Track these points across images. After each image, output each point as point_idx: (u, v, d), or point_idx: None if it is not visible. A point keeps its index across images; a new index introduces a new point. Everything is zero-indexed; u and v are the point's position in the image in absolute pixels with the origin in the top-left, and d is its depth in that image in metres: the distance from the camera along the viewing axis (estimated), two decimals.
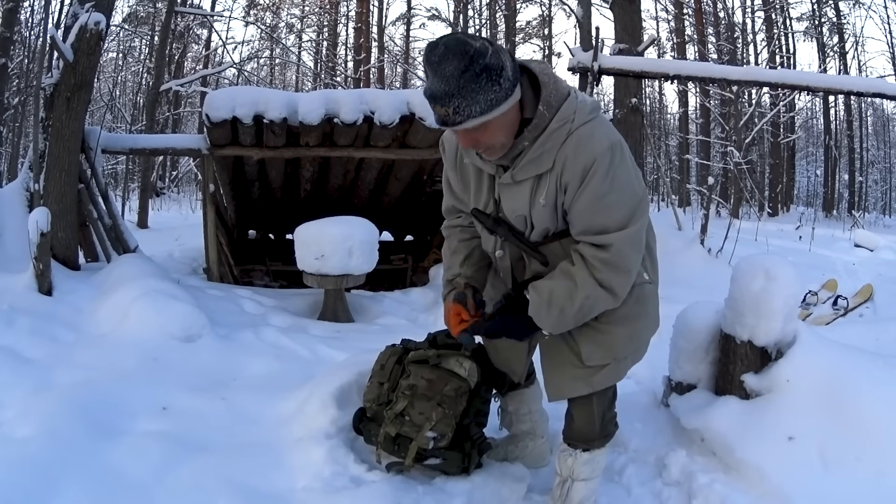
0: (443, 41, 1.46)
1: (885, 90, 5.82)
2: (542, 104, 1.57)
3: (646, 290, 1.83)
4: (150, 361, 3.05)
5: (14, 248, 4.33)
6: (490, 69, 1.45)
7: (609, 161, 1.56)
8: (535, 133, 1.59)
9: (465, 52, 1.43)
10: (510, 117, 1.56)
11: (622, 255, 1.63)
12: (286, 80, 25.71)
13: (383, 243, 5.36)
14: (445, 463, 2.08)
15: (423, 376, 2.06)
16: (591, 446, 1.94)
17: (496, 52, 1.47)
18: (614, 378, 1.87)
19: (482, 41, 1.47)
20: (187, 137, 6.36)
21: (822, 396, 2.06)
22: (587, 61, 5.66)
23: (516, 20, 21.74)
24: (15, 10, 9.03)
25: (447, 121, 1.51)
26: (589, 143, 1.56)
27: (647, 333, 1.91)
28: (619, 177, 1.58)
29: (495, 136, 1.57)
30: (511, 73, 1.50)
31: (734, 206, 14.78)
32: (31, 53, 12.51)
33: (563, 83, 1.62)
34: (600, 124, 1.61)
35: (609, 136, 1.59)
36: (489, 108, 1.48)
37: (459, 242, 1.98)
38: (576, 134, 1.57)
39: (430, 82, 1.49)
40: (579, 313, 1.70)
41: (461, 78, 1.44)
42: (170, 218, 12.76)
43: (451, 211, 2.00)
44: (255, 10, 22.55)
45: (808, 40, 21.35)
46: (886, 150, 26.35)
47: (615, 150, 1.57)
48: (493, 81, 1.46)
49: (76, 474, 2.00)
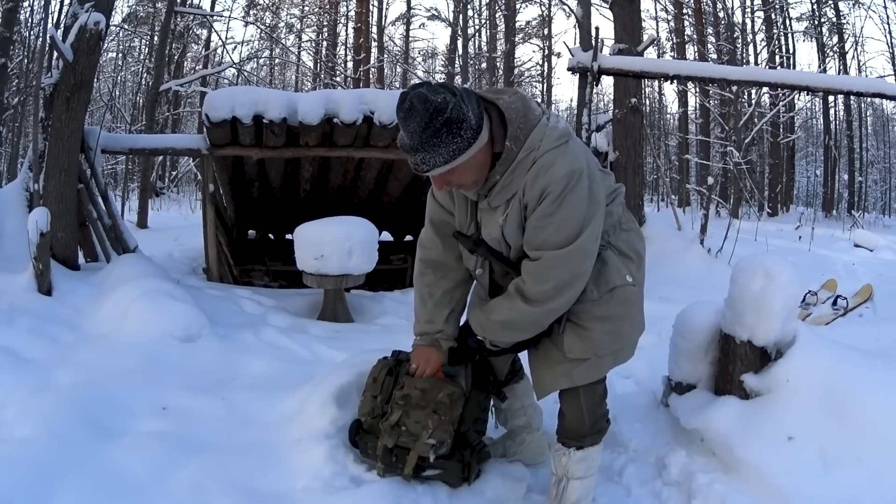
0: (409, 96, 1.60)
1: (885, 90, 5.82)
2: (510, 139, 1.69)
3: (629, 292, 1.89)
4: (150, 361, 3.05)
5: (14, 248, 4.33)
6: (450, 123, 1.58)
7: (563, 187, 1.66)
8: (504, 166, 1.71)
9: (426, 110, 1.57)
10: (478, 159, 1.68)
11: (547, 268, 1.73)
12: (286, 80, 25.72)
13: (383, 243, 5.36)
14: (445, 473, 2.07)
15: (416, 386, 2.05)
16: (583, 443, 1.97)
17: (458, 104, 1.59)
18: (595, 374, 1.91)
19: (444, 94, 1.59)
20: (187, 137, 6.36)
21: (822, 396, 2.05)
22: (587, 61, 5.66)
23: (516, 20, 21.76)
24: (15, 9, 9.04)
25: (416, 169, 1.68)
26: (549, 169, 1.66)
27: (631, 334, 1.96)
28: (570, 203, 1.67)
29: (464, 177, 1.71)
30: (475, 122, 1.62)
31: (734, 206, 14.81)
32: (31, 53, 12.51)
33: (534, 111, 1.71)
34: (563, 152, 1.68)
35: (570, 164, 1.67)
36: (451, 158, 1.63)
37: (444, 294, 2.04)
38: (539, 161, 1.67)
39: (401, 133, 1.66)
40: (507, 323, 1.85)
41: (423, 134, 1.59)
42: (169, 218, 12.76)
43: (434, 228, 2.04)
44: (254, 10, 22.57)
45: (807, 40, 21.40)
46: (886, 150, 26.37)
47: (572, 177, 1.66)
48: (454, 134, 1.60)
49: (76, 474, 2.00)
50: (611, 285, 1.86)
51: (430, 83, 1.65)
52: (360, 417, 2.19)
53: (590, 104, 5.82)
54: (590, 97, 5.79)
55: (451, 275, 2.04)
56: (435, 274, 2.05)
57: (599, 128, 6.55)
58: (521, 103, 1.71)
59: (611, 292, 1.85)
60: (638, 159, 7.42)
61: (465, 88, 1.67)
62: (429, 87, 1.62)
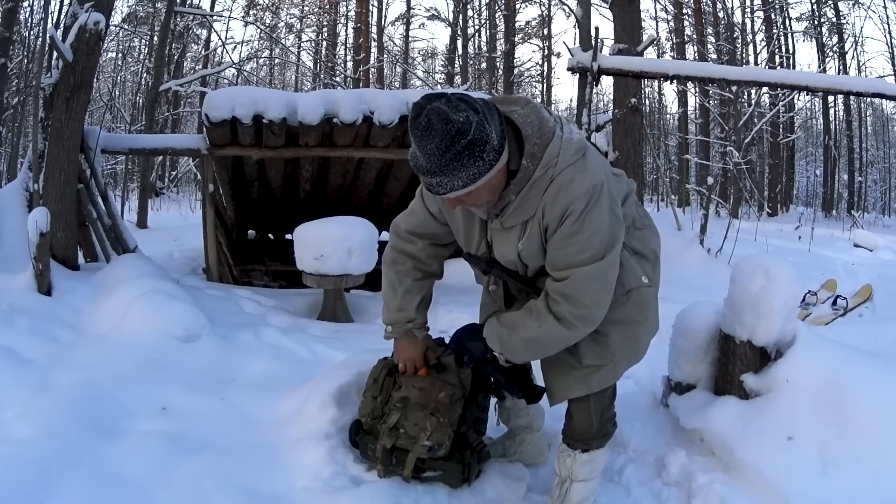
0: (427, 112, 1.44)
1: (885, 90, 5.82)
2: (526, 157, 1.57)
3: (644, 294, 1.84)
4: (150, 361, 3.05)
5: (13, 248, 4.33)
6: (473, 145, 1.44)
7: (585, 204, 1.56)
8: (520, 185, 1.60)
9: (448, 132, 1.42)
10: (496, 178, 1.56)
11: (579, 288, 1.63)
12: (286, 80, 25.71)
13: (383, 243, 5.33)
14: (445, 475, 2.07)
15: (415, 385, 2.05)
16: (589, 446, 1.95)
17: (481, 123, 1.45)
18: (611, 379, 1.88)
19: (466, 112, 1.44)
20: (187, 137, 6.36)
21: (822, 396, 2.05)
22: (586, 61, 5.66)
23: (516, 20, 21.73)
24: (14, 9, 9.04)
25: (431, 190, 1.55)
26: (568, 188, 1.57)
27: (646, 337, 1.92)
28: (593, 219, 1.58)
29: (480, 198, 1.59)
30: (497, 141, 1.49)
31: (733, 206, 14.80)
32: (31, 53, 12.52)
33: (548, 123, 1.60)
34: (582, 168, 1.59)
35: (590, 179, 1.58)
36: (472, 181, 1.50)
37: (414, 282, 1.99)
38: (557, 180, 1.57)
39: (414, 151, 1.50)
40: (533, 342, 1.74)
41: (443, 157, 1.44)
42: (169, 218, 12.76)
43: (418, 229, 1.95)
44: (254, 10, 22.57)
45: (807, 40, 21.41)
46: (886, 150, 26.38)
47: (593, 192, 1.57)
48: (476, 157, 1.46)
49: (75, 474, 2.00)
50: (626, 287, 1.79)
51: (447, 96, 1.47)
52: (361, 418, 2.19)
53: (589, 104, 5.83)
54: (589, 97, 5.79)
55: (422, 268, 2.00)
56: (406, 264, 2.00)
57: (599, 128, 6.55)
58: (536, 115, 1.60)
59: (627, 294, 1.79)
60: (638, 159, 7.42)
61: (486, 102, 1.52)
62: (448, 101, 1.45)
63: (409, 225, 1.98)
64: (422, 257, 1.99)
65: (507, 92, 19.74)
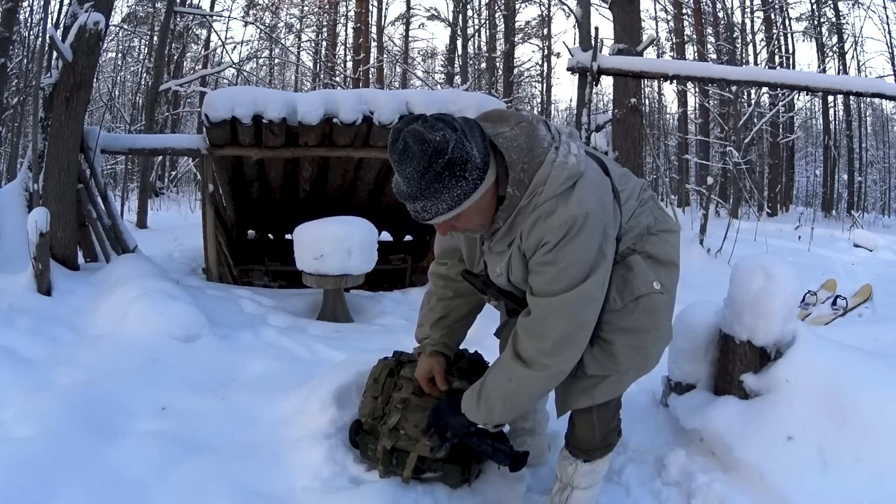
0: (403, 135, 1.39)
1: (884, 90, 5.82)
2: (511, 184, 1.50)
3: (656, 301, 1.73)
4: (150, 361, 3.05)
5: (13, 248, 4.33)
6: (453, 164, 1.39)
7: (561, 236, 1.49)
8: (507, 213, 1.55)
9: (424, 152, 1.37)
10: (485, 200, 1.51)
11: (543, 321, 1.57)
12: (285, 80, 25.72)
13: (382, 243, 5.36)
14: (445, 475, 2.07)
15: (416, 387, 2.05)
16: (591, 457, 1.91)
17: (459, 140, 1.40)
18: (615, 391, 1.81)
19: (443, 130, 1.38)
20: (186, 137, 6.35)
21: (822, 396, 2.05)
22: (586, 61, 5.66)
23: (515, 20, 21.74)
24: (14, 9, 9.04)
25: (417, 217, 1.49)
26: (547, 220, 1.50)
27: (656, 346, 1.82)
28: (569, 251, 1.50)
29: (471, 221, 1.55)
30: (480, 160, 1.43)
31: (733, 206, 14.81)
32: (31, 53, 12.52)
33: (542, 143, 1.51)
34: (566, 198, 1.49)
35: (572, 210, 1.48)
36: (456, 204, 1.44)
37: (438, 301, 1.98)
38: (538, 210, 1.51)
39: (395, 177, 1.46)
40: (509, 398, 1.67)
41: (422, 180, 1.39)
42: (169, 218, 12.76)
43: (444, 253, 1.98)
44: (254, 10, 22.57)
45: (807, 40, 21.41)
46: (885, 150, 26.41)
47: (573, 224, 1.48)
48: (458, 177, 1.41)
49: (75, 474, 2.00)
50: (636, 294, 1.69)
51: (425, 117, 1.42)
52: (361, 418, 2.19)
53: (589, 104, 5.82)
54: (589, 97, 5.79)
55: (453, 286, 1.97)
56: (437, 283, 2.00)
57: (599, 128, 6.55)
58: (526, 136, 1.51)
59: (636, 301, 1.69)
60: (637, 159, 7.42)
61: (467, 119, 1.48)
62: (424, 122, 1.40)
63: (438, 247, 2.00)
64: (451, 275, 1.96)
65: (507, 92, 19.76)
